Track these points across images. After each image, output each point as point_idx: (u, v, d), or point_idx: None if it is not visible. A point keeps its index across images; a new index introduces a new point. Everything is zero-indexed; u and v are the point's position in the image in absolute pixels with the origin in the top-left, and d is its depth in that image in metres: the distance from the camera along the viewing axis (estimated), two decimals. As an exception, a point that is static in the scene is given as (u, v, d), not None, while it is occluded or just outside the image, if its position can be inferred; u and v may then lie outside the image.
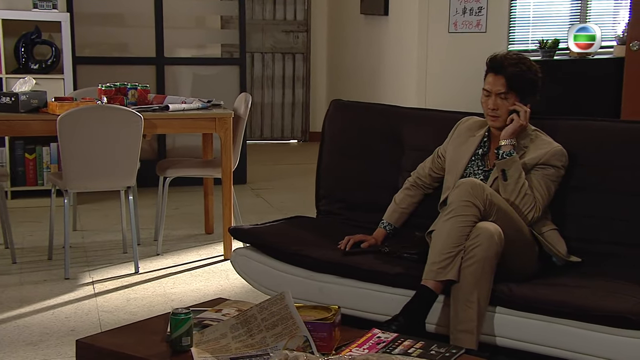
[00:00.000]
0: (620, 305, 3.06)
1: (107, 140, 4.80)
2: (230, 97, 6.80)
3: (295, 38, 10.36)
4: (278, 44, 10.31)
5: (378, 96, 8.30)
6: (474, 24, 7.49)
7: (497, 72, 3.65)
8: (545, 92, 7.25)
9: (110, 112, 4.82)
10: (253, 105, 10.26)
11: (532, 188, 3.53)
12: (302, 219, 4.28)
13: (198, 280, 4.90)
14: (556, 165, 3.57)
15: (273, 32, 10.27)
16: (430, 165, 3.93)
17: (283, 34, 10.31)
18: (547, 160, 3.56)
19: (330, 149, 4.37)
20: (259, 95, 10.34)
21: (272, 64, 10.34)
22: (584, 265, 3.53)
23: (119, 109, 4.85)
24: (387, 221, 3.95)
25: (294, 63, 10.40)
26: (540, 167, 3.57)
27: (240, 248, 3.97)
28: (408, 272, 3.50)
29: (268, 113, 10.37)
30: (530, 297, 3.24)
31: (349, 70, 9.47)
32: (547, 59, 7.58)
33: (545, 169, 3.57)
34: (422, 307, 3.31)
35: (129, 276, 4.93)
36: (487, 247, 3.27)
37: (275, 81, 10.39)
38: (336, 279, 3.68)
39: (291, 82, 10.43)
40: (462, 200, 3.37)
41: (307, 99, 10.44)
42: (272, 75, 10.37)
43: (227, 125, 5.25)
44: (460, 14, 7.43)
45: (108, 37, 7.67)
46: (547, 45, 7.58)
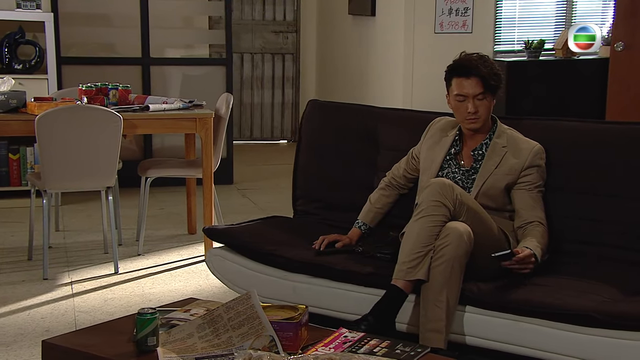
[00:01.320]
0: (586, 304, 3.08)
1: (86, 141, 4.82)
2: (216, 98, 6.80)
3: (284, 38, 10.36)
4: (268, 44, 10.31)
5: (366, 96, 8.31)
6: (459, 24, 7.50)
7: (469, 75, 3.66)
8: (531, 92, 7.39)
9: (89, 113, 4.83)
10: (243, 105, 10.30)
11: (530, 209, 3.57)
12: (278, 219, 4.30)
13: (177, 281, 4.91)
14: (540, 164, 3.63)
15: (262, 33, 10.27)
16: (405, 166, 3.95)
17: (272, 34, 10.31)
18: (531, 162, 3.60)
19: (307, 149, 4.39)
20: (249, 96, 10.33)
21: (261, 65, 10.34)
22: (554, 264, 3.55)
23: (97, 109, 4.86)
24: (362, 221, 3.97)
25: (284, 63, 10.40)
26: (525, 173, 3.59)
27: (215, 248, 3.99)
28: (380, 271, 3.53)
29: (258, 113, 10.37)
30: (499, 296, 3.26)
31: (338, 70, 9.49)
32: (532, 59, 7.59)
33: (530, 174, 3.60)
34: (392, 306, 3.34)
35: (108, 276, 4.94)
36: (457, 246, 3.29)
37: (265, 81, 10.39)
38: (309, 279, 3.70)
39: (281, 83, 10.43)
40: (431, 201, 3.39)
41: (297, 99, 10.44)
42: (261, 76, 10.36)
43: (207, 125, 5.26)
44: (446, 14, 7.45)
45: (94, 37, 7.66)
46: (532, 46, 7.59)
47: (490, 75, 3.64)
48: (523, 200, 3.58)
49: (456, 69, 3.71)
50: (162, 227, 6.11)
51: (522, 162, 3.58)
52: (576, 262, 3.55)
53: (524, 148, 3.61)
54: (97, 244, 5.57)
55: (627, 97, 6.89)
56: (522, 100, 7.37)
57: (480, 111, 3.62)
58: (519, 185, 3.60)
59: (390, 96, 7.75)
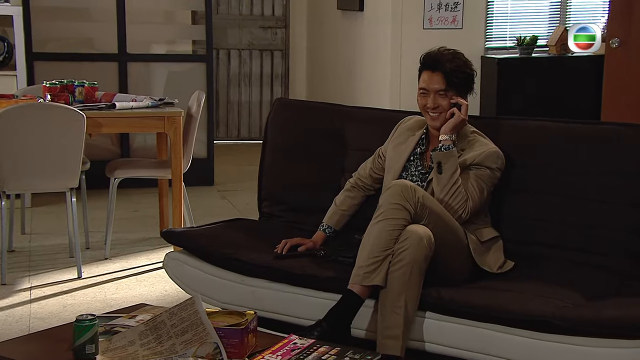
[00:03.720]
0: (544, 309, 3.10)
1: (47, 140, 4.84)
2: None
3: (273, 34, 10.38)
4: (255, 40, 10.33)
5: (354, 93, 8.34)
6: (449, 20, 7.52)
7: (433, 69, 3.69)
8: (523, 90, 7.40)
9: (51, 111, 4.86)
10: (230, 104, 10.32)
11: (465, 187, 3.56)
12: (242, 222, 4.32)
13: (142, 286, 4.93)
14: (490, 166, 3.61)
15: (250, 28, 10.29)
16: (371, 166, 3.96)
17: (261, 30, 10.33)
18: (481, 161, 3.60)
19: (272, 148, 4.41)
20: (236, 94, 10.36)
21: (249, 61, 10.36)
22: (517, 268, 3.58)
23: (59, 107, 4.89)
24: (327, 224, 3.98)
25: (272, 60, 10.43)
26: (474, 167, 3.61)
27: (172, 252, 4.01)
28: (341, 276, 3.53)
29: (245, 112, 10.39)
30: (458, 301, 3.28)
31: (327, 67, 9.50)
32: (525, 56, 7.61)
33: (479, 169, 3.61)
34: (347, 312, 3.34)
35: (70, 281, 4.97)
36: (415, 250, 3.30)
37: (253, 79, 10.41)
38: (268, 284, 3.71)
39: (269, 80, 10.46)
40: (391, 203, 3.40)
41: (287, 97, 10.44)
42: (249, 73, 10.39)
43: (176, 124, 5.28)
44: (435, 9, 7.46)
45: (69, 32, 7.70)
46: (525, 42, 7.60)
47: (454, 72, 3.66)
48: (461, 178, 3.59)
49: (425, 62, 3.73)
50: (134, 230, 6.13)
51: (472, 159, 3.60)
52: (540, 266, 3.58)
53: (480, 149, 3.63)
54: (62, 248, 5.60)
55: (623, 94, 6.90)
56: (514, 98, 7.39)
57: (441, 107, 3.64)
58: (464, 171, 3.61)
59: (379, 94, 7.76)
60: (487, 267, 3.58)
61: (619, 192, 3.54)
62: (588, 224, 3.58)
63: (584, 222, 3.59)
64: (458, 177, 3.56)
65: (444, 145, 3.60)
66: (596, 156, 3.62)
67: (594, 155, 3.62)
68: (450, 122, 3.62)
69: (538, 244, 3.67)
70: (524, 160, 3.73)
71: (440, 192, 3.57)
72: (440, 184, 3.58)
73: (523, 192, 3.71)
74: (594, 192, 3.59)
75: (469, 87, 3.75)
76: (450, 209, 3.55)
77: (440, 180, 3.58)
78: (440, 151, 3.59)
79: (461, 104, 3.63)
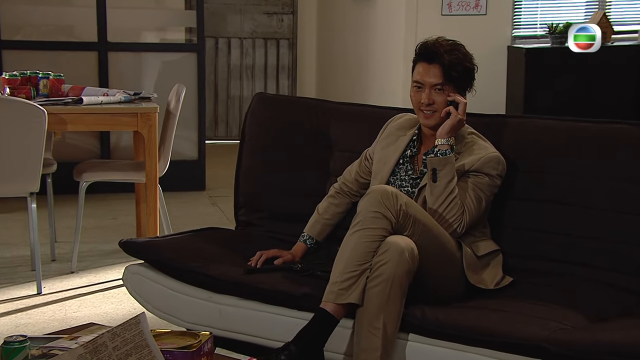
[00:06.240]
0: (538, 332, 3.10)
1: (3, 139, 4.89)
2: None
3: (279, 21, 10.43)
4: (259, 27, 10.39)
5: (366, 88, 8.37)
6: (471, 5, 7.55)
7: (430, 60, 3.70)
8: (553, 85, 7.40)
9: (7, 106, 4.91)
10: (230, 99, 10.38)
11: (461, 197, 3.57)
12: (215, 231, 4.36)
13: (109, 303, 4.98)
14: (490, 173, 3.61)
15: (253, 14, 10.35)
16: (357, 169, 3.98)
17: (265, 16, 10.39)
18: (480, 167, 3.61)
19: (251, 150, 4.44)
20: (237, 88, 10.43)
21: (252, 51, 10.43)
22: (516, 284, 3.59)
23: (17, 101, 4.94)
24: (308, 234, 4.00)
25: (278, 50, 10.49)
26: (472, 174, 3.62)
27: (133, 265, 4.03)
28: (317, 293, 3.53)
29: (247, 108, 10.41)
30: (443, 321, 3.28)
31: (338, 58, 9.53)
32: (557, 46, 7.60)
33: (477, 176, 3.61)
34: (319, 334, 3.35)
35: (28, 298, 5.03)
36: (396, 264, 3.31)
37: (256, 71, 10.48)
38: (237, 301, 3.73)
39: (275, 72, 10.52)
40: (370, 211, 3.41)
41: (294, 91, 10.50)
42: (252, 65, 10.45)
43: (151, 121, 5.33)
44: (455, -8, 7.49)
45: (44, 18, 7.77)
46: (557, 30, 7.60)
47: (453, 65, 3.67)
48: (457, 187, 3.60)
49: (421, 53, 3.75)
50: (109, 240, 6.17)
51: (470, 165, 3.60)
52: (542, 283, 3.58)
53: (479, 153, 3.63)
54: (24, 260, 5.66)
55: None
56: (541, 94, 7.38)
57: (437, 104, 3.65)
58: (460, 179, 3.62)
59: (392, 88, 7.78)
60: (483, 284, 3.59)
61: (632, 200, 3.54)
62: (596, 236, 3.57)
63: (592, 234, 3.58)
64: (455, 187, 3.56)
65: (440, 150, 3.61)
66: (607, 159, 3.62)
67: (604, 158, 3.62)
68: (447, 123, 3.63)
69: (540, 257, 3.68)
70: (528, 164, 3.74)
71: (434, 202, 3.58)
72: (434, 193, 3.59)
73: (524, 200, 3.72)
74: (603, 200, 3.58)
75: (468, 83, 3.76)
76: (444, 222, 3.56)
77: (435, 190, 3.58)
78: (436, 156, 3.61)
79: (459, 101, 3.64)
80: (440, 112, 3.66)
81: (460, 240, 3.60)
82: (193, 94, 7.75)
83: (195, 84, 7.83)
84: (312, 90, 10.34)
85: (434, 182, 3.57)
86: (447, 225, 3.55)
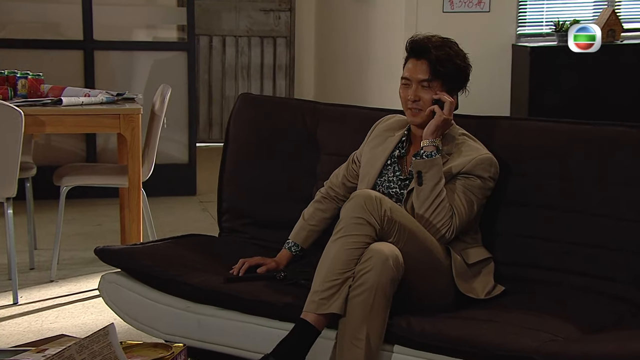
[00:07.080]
0: (528, 344, 3.08)
1: (-22, 141, 4.90)
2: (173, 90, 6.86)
3: (276, 19, 10.43)
4: (255, 25, 10.39)
5: (366, 87, 8.36)
6: (474, 1, 7.54)
7: (419, 56, 3.70)
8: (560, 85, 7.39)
9: (-19, 107, 4.91)
10: (225, 99, 10.38)
11: (450, 201, 3.56)
12: (195, 238, 4.36)
13: (89, 313, 4.97)
14: (482, 175, 3.60)
15: (249, 11, 10.35)
16: (345, 173, 3.97)
17: (261, 13, 10.39)
18: (471, 169, 3.60)
19: (235, 153, 4.44)
20: (232, 88, 10.43)
21: (247, 50, 10.42)
22: (509, 293, 3.59)
23: (-9, 102, 4.94)
24: (293, 241, 3.99)
25: (275, 49, 10.49)
26: (463, 176, 3.61)
27: (109, 273, 4.03)
28: (299, 302, 3.52)
29: (243, 110, 10.42)
30: (429, 332, 3.27)
31: (337, 57, 9.52)
32: (564, 44, 7.59)
33: (468, 178, 3.60)
34: (300, 345, 3.33)
35: (4, 308, 5.02)
36: (380, 272, 3.29)
37: (252, 71, 10.48)
38: (216, 311, 3.72)
39: (271, 72, 10.51)
40: (352, 217, 3.40)
41: (291, 91, 10.50)
42: (247, 64, 10.45)
43: (134, 123, 5.32)
44: (458, -11, 7.49)
45: (29, 15, 7.77)
46: (564, 28, 7.59)
47: (441, 60, 3.66)
48: (447, 190, 3.59)
49: (411, 48, 3.75)
50: (92, 247, 6.04)
51: (461, 166, 3.59)
52: (535, 292, 3.58)
53: (469, 155, 3.62)
54: (2, 268, 5.65)
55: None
56: (547, 94, 7.37)
57: (423, 101, 3.64)
58: (450, 182, 3.61)
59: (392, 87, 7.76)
60: (473, 293, 3.58)
61: (630, 205, 3.53)
62: (593, 243, 3.57)
63: (588, 241, 3.58)
64: (442, 190, 3.56)
65: (425, 152, 3.60)
66: (605, 163, 3.61)
67: (602, 161, 3.61)
68: (432, 123, 3.62)
69: (534, 265, 3.67)
70: (522, 167, 3.74)
71: (420, 206, 3.57)
72: (420, 197, 3.58)
73: (518, 206, 3.71)
74: (600, 205, 3.57)
75: (459, 83, 3.75)
76: (432, 227, 3.55)
77: (421, 193, 3.57)
78: (422, 158, 3.60)
79: (444, 100, 3.63)
80: (426, 109, 3.66)
81: (449, 246, 3.60)
82: (184, 94, 7.76)
83: (185, 84, 7.83)
84: (310, 90, 10.34)
85: (420, 185, 3.57)
86: (435, 230, 3.54)
